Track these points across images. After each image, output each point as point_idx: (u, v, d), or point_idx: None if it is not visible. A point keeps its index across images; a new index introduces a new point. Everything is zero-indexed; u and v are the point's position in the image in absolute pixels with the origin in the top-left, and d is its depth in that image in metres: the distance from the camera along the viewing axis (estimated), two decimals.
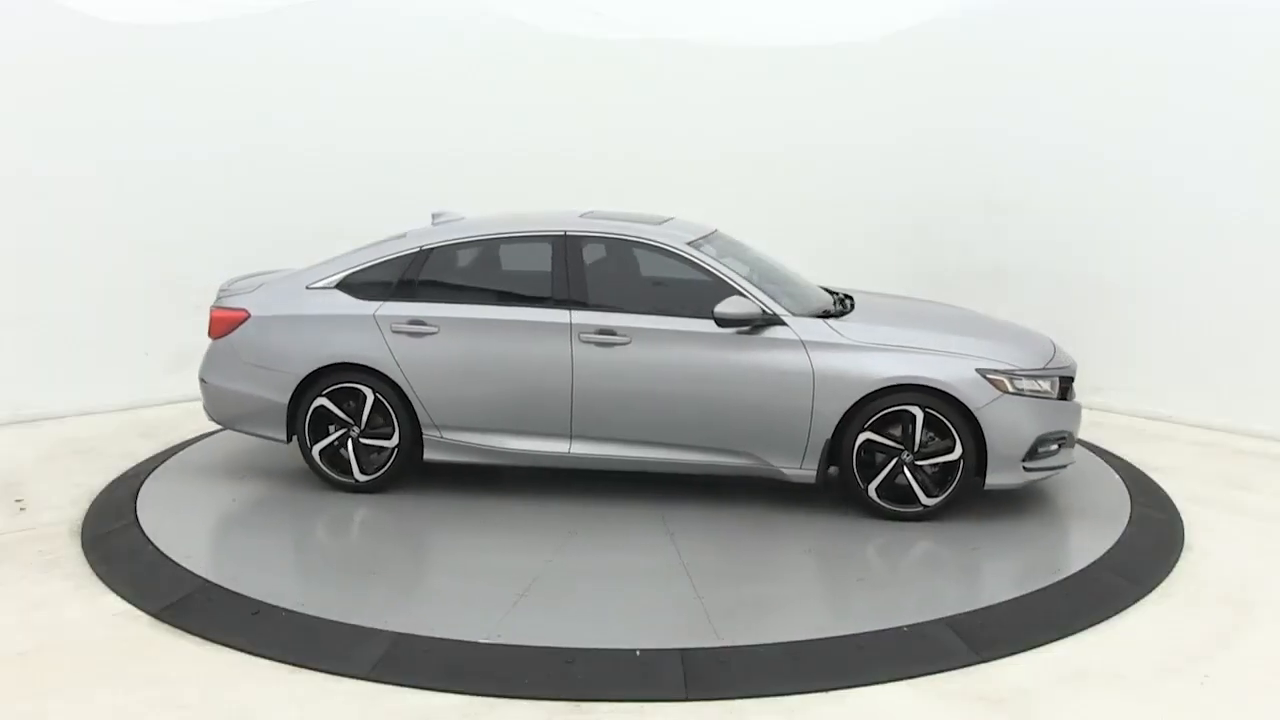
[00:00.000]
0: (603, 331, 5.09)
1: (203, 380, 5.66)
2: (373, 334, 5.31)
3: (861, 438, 4.88)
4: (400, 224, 7.88)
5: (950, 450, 4.84)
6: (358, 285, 5.49)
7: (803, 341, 4.94)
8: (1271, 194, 6.66)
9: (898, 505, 4.93)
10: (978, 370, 4.84)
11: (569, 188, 8.88)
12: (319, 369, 5.32)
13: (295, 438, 5.43)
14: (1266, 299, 6.73)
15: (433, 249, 5.53)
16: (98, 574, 4.43)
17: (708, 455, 5.07)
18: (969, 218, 8.34)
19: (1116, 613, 4.06)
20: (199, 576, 4.29)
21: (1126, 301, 7.42)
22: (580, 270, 5.29)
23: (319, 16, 8.21)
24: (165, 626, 3.93)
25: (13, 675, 3.57)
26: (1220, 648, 3.79)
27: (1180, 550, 4.74)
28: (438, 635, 3.78)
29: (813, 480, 4.98)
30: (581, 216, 5.60)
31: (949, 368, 4.84)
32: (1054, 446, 4.99)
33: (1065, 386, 5.10)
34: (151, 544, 4.66)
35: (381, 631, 3.80)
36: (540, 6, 9.37)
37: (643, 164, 9.59)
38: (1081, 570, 4.41)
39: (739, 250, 5.79)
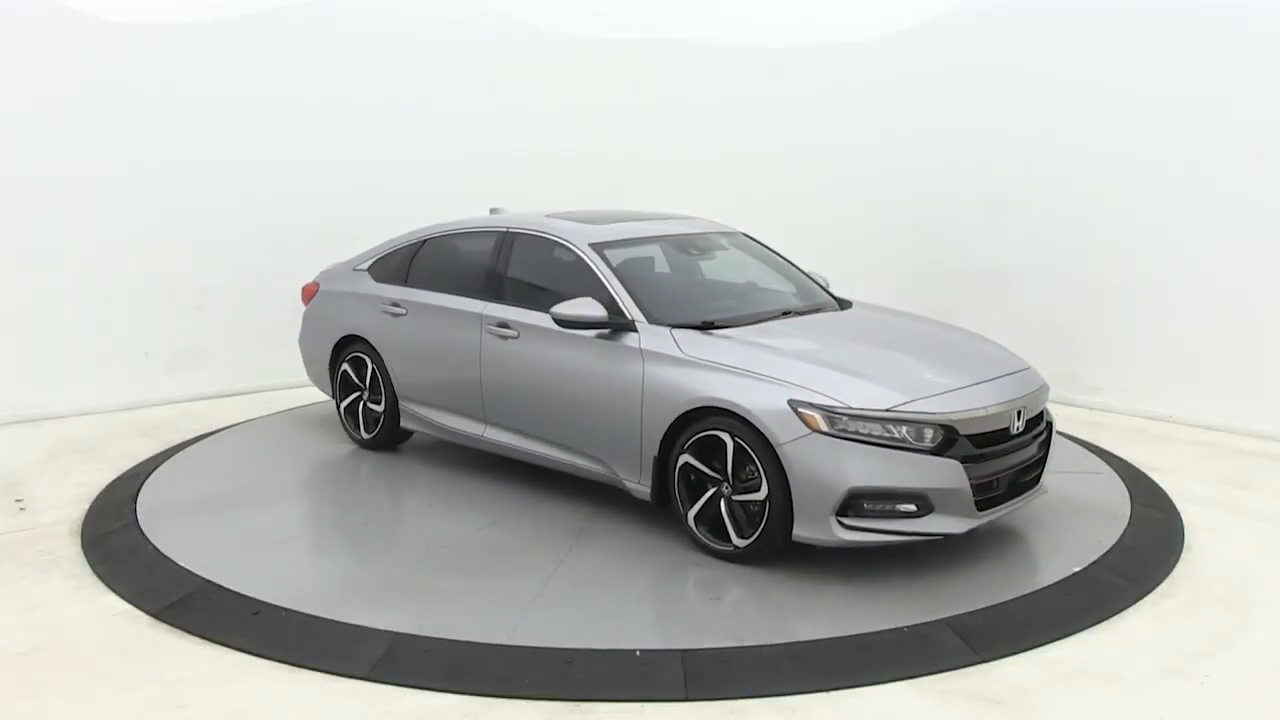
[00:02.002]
0: (501, 324, 5.32)
1: (300, 344, 6.71)
2: (373, 313, 6.07)
3: (681, 460, 4.50)
4: (399, 224, 7.90)
5: (759, 489, 4.26)
6: (379, 269, 6.25)
7: (642, 351, 4.67)
8: (1272, 194, 6.66)
9: (713, 539, 4.47)
10: (790, 401, 4.18)
11: (569, 188, 8.89)
12: (343, 337, 6.22)
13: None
14: (1267, 299, 6.73)
15: (427, 239, 6.14)
16: (98, 574, 4.43)
17: (574, 456, 5.05)
18: (969, 218, 8.34)
19: (1116, 613, 4.06)
20: (199, 576, 4.29)
21: (1126, 301, 7.42)
22: (505, 265, 5.54)
23: (319, 17, 8.21)
24: (165, 626, 3.93)
25: (13, 675, 3.57)
26: (1220, 648, 3.79)
27: (1180, 550, 4.73)
28: (437, 635, 3.79)
29: (648, 497, 4.70)
30: (547, 216, 5.71)
31: (757, 394, 4.24)
32: (895, 507, 4.14)
33: (948, 439, 4.18)
34: (151, 544, 4.66)
35: (381, 631, 3.79)
36: (540, 6, 9.38)
37: (643, 164, 9.60)
38: (1081, 570, 4.40)
39: (745, 252, 5.79)
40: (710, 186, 9.26)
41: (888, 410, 4.14)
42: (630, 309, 4.83)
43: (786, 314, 5.19)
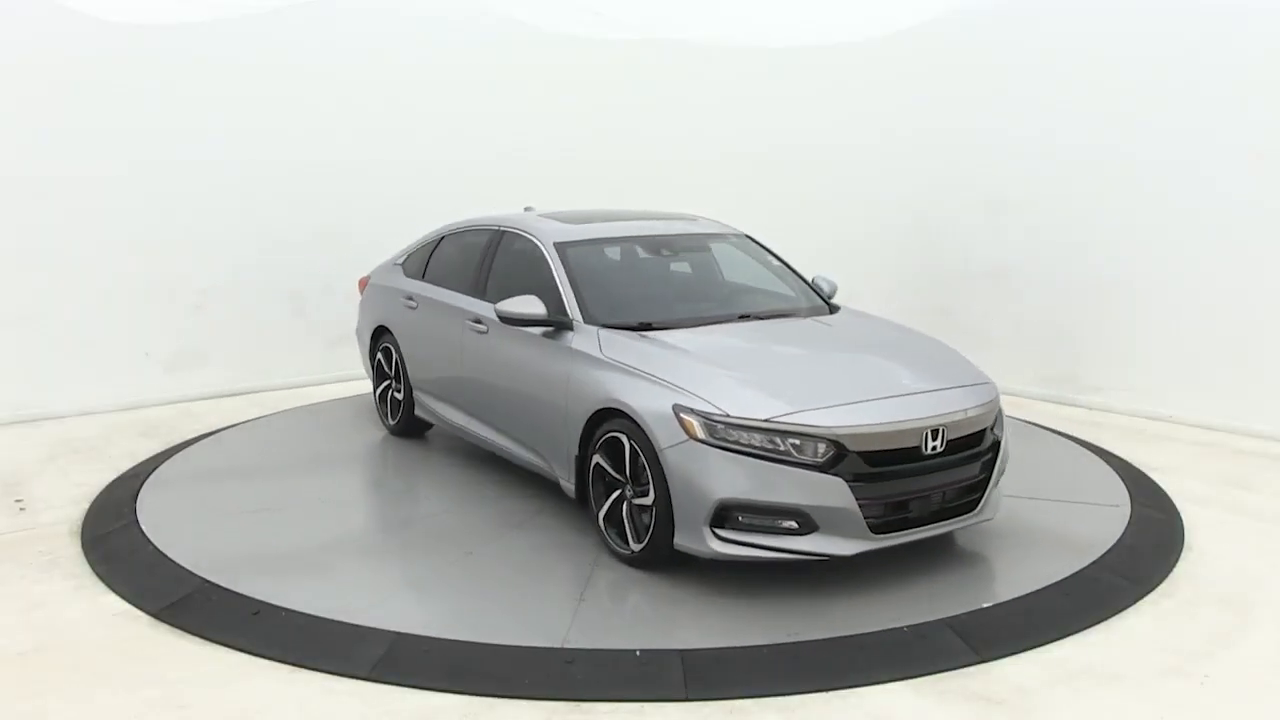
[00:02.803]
0: (476, 320, 5.49)
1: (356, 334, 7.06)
2: (397, 306, 6.39)
3: (594, 461, 4.50)
4: (399, 224, 7.90)
5: (649, 494, 4.21)
6: (410, 264, 6.54)
7: (572, 350, 4.70)
8: (1272, 194, 6.66)
9: (617, 542, 4.45)
10: (674, 406, 4.09)
11: (569, 188, 8.89)
12: (377, 328, 6.59)
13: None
14: (1267, 299, 6.73)
15: (445, 236, 6.36)
16: (98, 574, 4.43)
17: (525, 451, 5.17)
18: (969, 218, 8.34)
19: (1116, 613, 4.06)
20: (199, 576, 4.29)
21: (1126, 301, 7.42)
22: (491, 262, 5.68)
23: (319, 17, 8.21)
24: (165, 626, 3.93)
25: (13, 675, 3.57)
26: (1220, 648, 3.79)
27: (1180, 550, 4.73)
28: (438, 635, 3.79)
29: (573, 495, 4.73)
30: (540, 215, 5.84)
31: (647, 398, 4.19)
32: (776, 522, 3.98)
33: (839, 455, 3.97)
34: (151, 544, 4.66)
35: (381, 631, 3.80)
36: (540, 6, 9.38)
37: (643, 164, 9.60)
38: (1081, 570, 4.40)
39: (741, 254, 5.79)
40: (710, 186, 9.26)
41: (765, 420, 3.96)
42: (572, 308, 4.87)
43: (744, 318, 5.07)
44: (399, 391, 6.41)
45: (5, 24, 6.91)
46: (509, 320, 4.90)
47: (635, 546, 4.34)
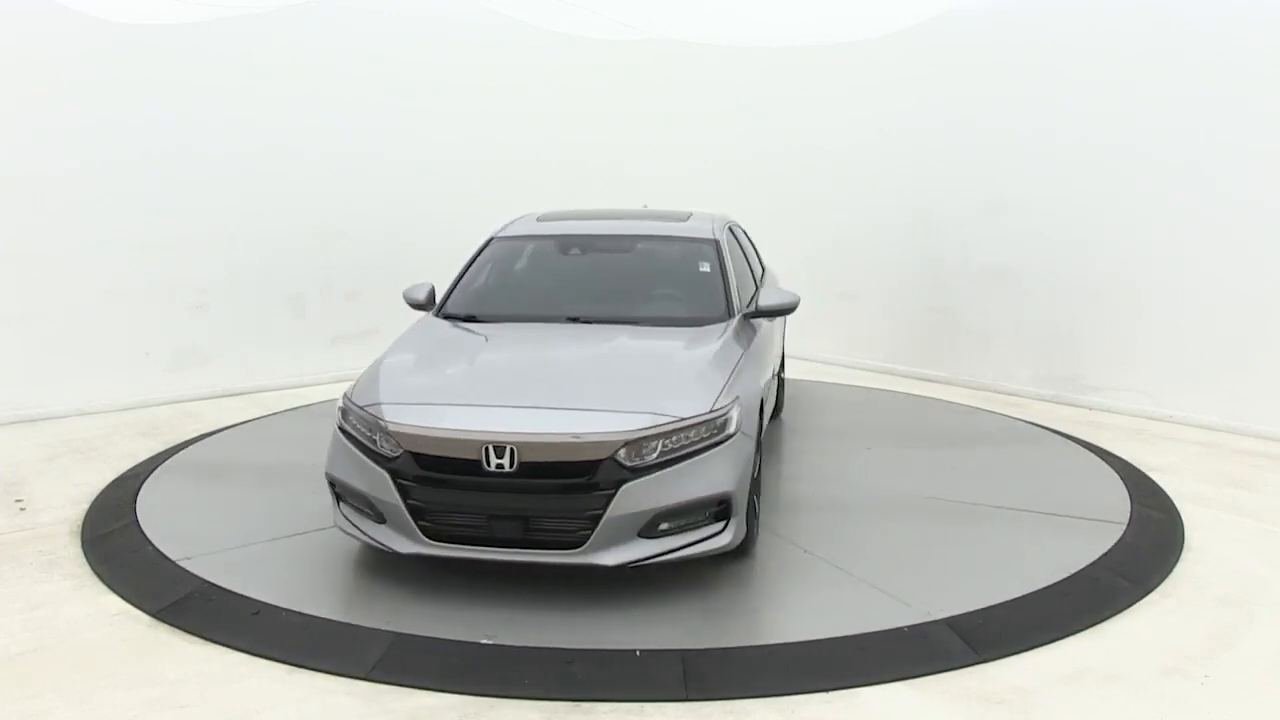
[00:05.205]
0: None
1: None
2: None
3: None
4: (398, 224, 7.90)
5: None
6: None
7: None
8: (1272, 194, 6.66)
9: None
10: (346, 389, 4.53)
11: (569, 188, 8.90)
12: None
13: None
14: (1267, 299, 6.72)
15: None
16: (98, 574, 4.43)
17: None
18: (969, 217, 8.34)
19: (1116, 613, 4.06)
20: (199, 576, 4.30)
21: (1126, 301, 7.42)
22: None
23: (318, 17, 8.21)
24: (165, 626, 3.93)
25: (13, 675, 3.57)
26: (1220, 648, 3.79)
27: (1180, 550, 4.74)
28: (438, 635, 3.79)
29: None
30: (542, 214, 6.20)
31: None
32: (355, 503, 4.27)
33: (405, 452, 4.03)
34: (151, 544, 4.67)
35: (381, 631, 3.80)
36: (541, 7, 9.38)
37: (643, 164, 9.61)
38: (1081, 570, 4.40)
39: (690, 261, 5.60)
40: (710, 186, 9.26)
41: (363, 408, 4.23)
42: (440, 295, 5.41)
43: (573, 320, 5.06)
44: None
45: (5, 24, 6.91)
46: (409, 304, 5.47)
47: None
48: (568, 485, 3.91)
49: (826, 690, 3.45)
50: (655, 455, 3.94)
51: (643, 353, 4.67)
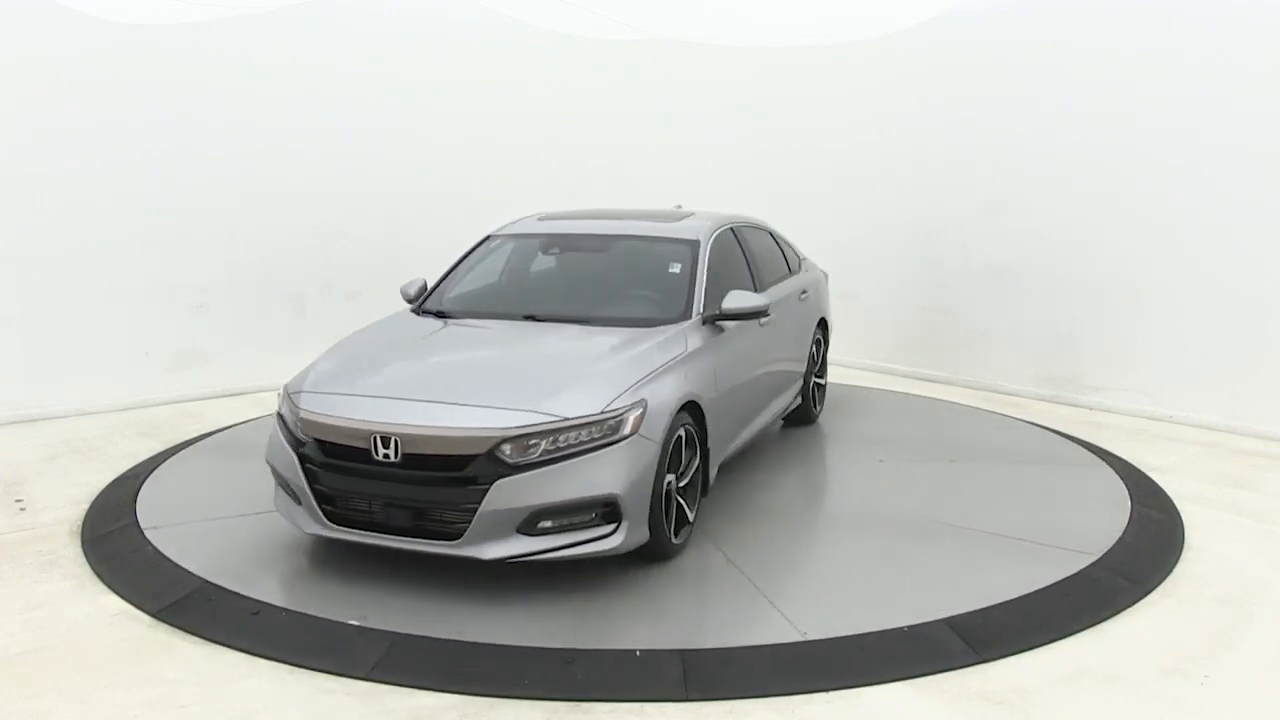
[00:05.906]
0: None
1: None
2: None
3: None
4: (398, 224, 7.88)
5: None
6: None
7: None
8: (1272, 194, 6.66)
9: None
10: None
11: (568, 188, 8.89)
12: None
13: None
14: (1267, 299, 6.72)
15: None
16: (98, 574, 4.43)
17: None
18: (969, 217, 8.34)
19: (1116, 613, 4.06)
20: (199, 576, 4.29)
21: (1126, 301, 7.42)
22: None
23: (318, 17, 8.21)
24: (165, 626, 3.93)
25: (13, 675, 3.57)
26: (1220, 648, 3.79)
27: (1180, 550, 4.73)
28: (437, 635, 3.79)
29: None
30: (545, 213, 6.28)
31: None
32: (281, 482, 4.54)
33: (310, 437, 4.30)
34: (151, 544, 4.67)
35: (381, 631, 3.80)
36: (541, 6, 9.38)
37: (643, 164, 9.61)
38: (1081, 570, 4.40)
39: (672, 264, 5.54)
40: (711, 186, 9.25)
41: (289, 394, 4.54)
42: (426, 291, 5.59)
43: (530, 318, 5.10)
44: None
45: (5, 24, 6.91)
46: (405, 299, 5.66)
47: None
48: (447, 479, 4.03)
49: (826, 690, 3.45)
50: (539, 453, 3.99)
51: (562, 352, 4.69)
